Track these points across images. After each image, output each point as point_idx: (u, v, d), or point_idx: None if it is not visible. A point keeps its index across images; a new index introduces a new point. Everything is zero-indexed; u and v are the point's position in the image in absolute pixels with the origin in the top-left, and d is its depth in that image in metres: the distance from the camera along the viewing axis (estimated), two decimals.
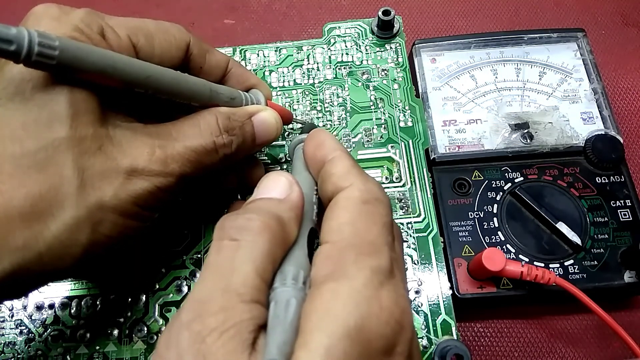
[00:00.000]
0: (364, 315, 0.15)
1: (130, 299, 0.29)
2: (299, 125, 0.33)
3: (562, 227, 0.30)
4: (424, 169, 0.32)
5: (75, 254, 0.19)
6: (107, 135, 0.20)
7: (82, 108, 0.19)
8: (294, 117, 0.31)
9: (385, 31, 0.36)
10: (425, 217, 0.30)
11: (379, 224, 0.17)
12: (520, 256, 0.30)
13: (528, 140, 0.33)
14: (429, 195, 0.31)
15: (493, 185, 0.32)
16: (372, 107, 0.34)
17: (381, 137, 0.33)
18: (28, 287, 0.20)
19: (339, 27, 0.37)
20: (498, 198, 0.32)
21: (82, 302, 0.29)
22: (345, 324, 0.14)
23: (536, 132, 0.33)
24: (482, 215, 0.31)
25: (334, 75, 0.35)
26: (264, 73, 0.35)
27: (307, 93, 0.35)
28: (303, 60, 0.36)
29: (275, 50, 0.36)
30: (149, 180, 0.21)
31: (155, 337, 0.28)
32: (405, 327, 0.16)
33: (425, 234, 0.30)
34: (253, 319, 0.15)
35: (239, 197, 0.31)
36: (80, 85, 0.19)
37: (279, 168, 0.32)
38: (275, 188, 0.19)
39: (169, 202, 0.23)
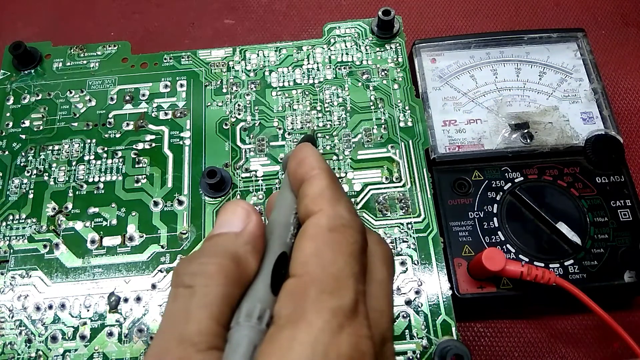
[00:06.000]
0: None
1: (130, 299, 0.29)
2: (300, 126, 0.33)
3: (562, 227, 0.30)
4: (424, 169, 0.32)
5: None
6: None
7: None
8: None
9: (385, 31, 0.36)
10: (425, 217, 0.30)
11: (345, 254, 0.17)
12: (520, 256, 0.30)
13: (528, 140, 0.33)
14: (429, 195, 0.31)
15: (493, 185, 0.32)
16: (372, 107, 0.34)
17: (381, 137, 0.33)
18: None
19: (339, 27, 0.37)
20: (498, 198, 0.32)
21: (82, 302, 0.29)
22: None
23: (536, 132, 0.33)
24: (482, 215, 0.31)
25: (334, 75, 0.35)
26: (264, 73, 0.35)
27: (307, 93, 0.34)
28: (303, 60, 0.36)
29: (275, 50, 0.36)
30: None
31: None
32: None
33: (425, 234, 0.30)
34: None
35: (237, 197, 0.31)
36: None
37: (279, 168, 0.32)
38: (232, 220, 0.18)
39: None
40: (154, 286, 0.29)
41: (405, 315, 0.28)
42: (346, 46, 0.36)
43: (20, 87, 0.35)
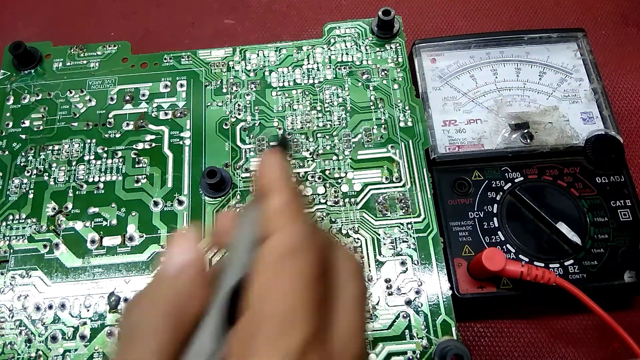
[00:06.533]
0: None
1: (130, 299, 0.29)
2: (300, 126, 0.33)
3: (562, 227, 0.30)
4: (424, 169, 0.32)
5: None
6: None
7: None
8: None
9: (385, 31, 0.36)
10: (425, 217, 0.30)
11: (297, 284, 0.15)
12: (520, 256, 0.30)
13: (528, 140, 0.33)
14: (429, 195, 0.31)
15: (493, 185, 0.32)
16: (372, 107, 0.34)
17: (381, 137, 0.33)
18: None
19: (339, 27, 0.37)
20: (498, 198, 0.32)
21: (82, 302, 0.29)
22: None
23: (536, 132, 0.33)
24: (482, 215, 0.31)
25: (334, 75, 0.35)
26: (264, 73, 0.35)
27: (307, 93, 0.34)
28: (303, 60, 0.36)
29: (275, 50, 0.36)
30: None
31: None
32: None
33: (425, 234, 0.30)
34: None
35: (237, 197, 0.31)
36: None
37: None
38: (177, 254, 0.17)
39: None
40: None
41: (405, 315, 0.28)
42: (346, 46, 0.36)
43: (20, 87, 0.35)
